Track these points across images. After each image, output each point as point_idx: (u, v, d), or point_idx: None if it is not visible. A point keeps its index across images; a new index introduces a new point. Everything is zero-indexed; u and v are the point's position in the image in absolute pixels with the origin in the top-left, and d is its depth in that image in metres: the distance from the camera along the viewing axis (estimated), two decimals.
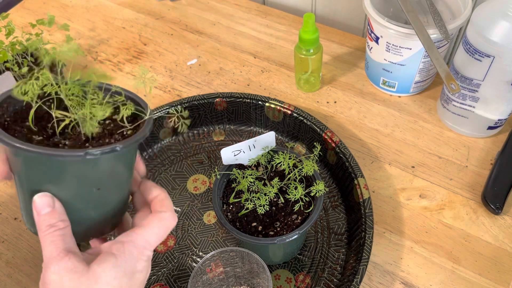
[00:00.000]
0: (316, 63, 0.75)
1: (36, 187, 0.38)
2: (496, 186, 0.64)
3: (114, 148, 0.36)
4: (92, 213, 0.40)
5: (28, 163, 0.37)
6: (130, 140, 0.38)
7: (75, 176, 0.37)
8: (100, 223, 0.41)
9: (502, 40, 0.58)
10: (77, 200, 0.39)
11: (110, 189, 0.40)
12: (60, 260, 0.36)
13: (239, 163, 0.59)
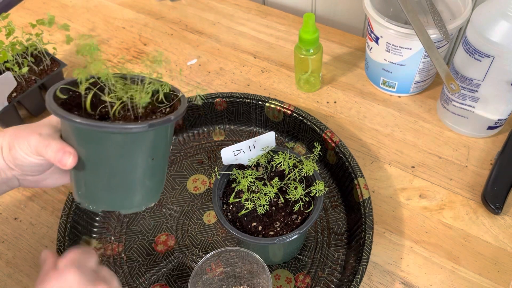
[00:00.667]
0: (316, 63, 0.75)
1: (104, 163, 0.43)
2: (496, 186, 0.64)
3: (170, 118, 0.42)
4: (147, 182, 0.46)
5: (98, 142, 0.42)
6: (179, 111, 0.44)
7: (137, 147, 0.43)
8: (152, 191, 0.47)
9: (502, 40, 0.58)
10: (136, 170, 0.44)
11: (160, 159, 0.46)
12: None
13: (239, 163, 0.59)
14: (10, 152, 0.46)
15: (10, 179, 0.49)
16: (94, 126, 0.40)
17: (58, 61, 0.79)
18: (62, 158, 0.43)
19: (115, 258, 0.63)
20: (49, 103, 0.42)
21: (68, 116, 0.41)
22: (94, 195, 0.46)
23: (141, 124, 0.40)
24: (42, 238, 0.66)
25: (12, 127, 0.48)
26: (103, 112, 0.45)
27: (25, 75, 0.77)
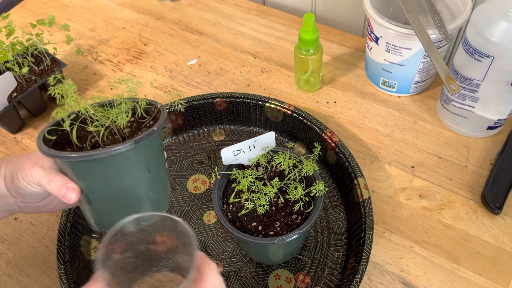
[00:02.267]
0: (316, 63, 0.75)
1: (106, 188, 0.45)
2: (495, 186, 0.64)
3: (152, 130, 0.45)
4: (152, 194, 0.48)
5: (94, 171, 0.44)
6: (159, 121, 0.46)
7: (131, 165, 0.45)
8: (159, 200, 0.50)
9: (501, 40, 0.58)
10: (138, 186, 0.47)
11: (156, 169, 0.48)
12: None
13: (239, 163, 0.59)
14: (13, 182, 0.48)
15: (11, 205, 0.51)
16: (85, 157, 0.42)
17: (58, 61, 0.79)
18: (65, 194, 0.45)
19: None
20: (40, 145, 0.45)
21: (58, 154, 0.43)
22: (106, 220, 0.48)
23: (127, 143, 0.42)
24: (42, 238, 0.66)
25: (14, 156, 0.51)
26: (93, 142, 0.47)
27: (25, 75, 0.77)
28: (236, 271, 0.62)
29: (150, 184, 0.48)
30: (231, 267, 0.62)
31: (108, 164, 0.44)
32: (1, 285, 0.62)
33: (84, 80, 0.86)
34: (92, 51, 0.91)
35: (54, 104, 0.82)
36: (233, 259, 0.63)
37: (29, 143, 0.77)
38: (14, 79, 0.73)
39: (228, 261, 0.63)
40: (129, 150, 0.43)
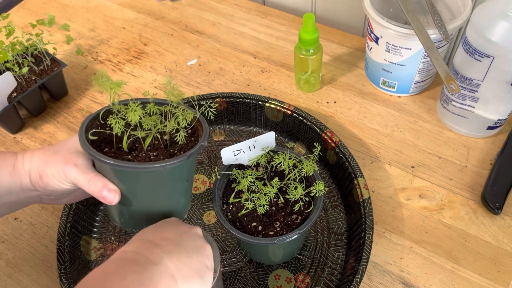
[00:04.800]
0: (316, 63, 0.75)
1: (145, 194, 0.47)
2: (495, 186, 0.64)
3: (202, 144, 0.47)
4: (183, 200, 0.52)
5: (139, 178, 0.46)
6: (204, 135, 0.48)
7: (175, 176, 0.47)
8: (186, 204, 0.53)
9: (501, 40, 0.58)
10: (175, 193, 0.50)
11: (191, 178, 0.51)
12: None
13: (239, 163, 0.59)
14: (42, 179, 0.47)
15: (34, 198, 0.50)
16: (141, 168, 0.43)
17: (58, 61, 0.79)
18: (106, 196, 0.46)
19: None
20: (87, 149, 0.44)
21: (114, 162, 0.43)
22: (137, 221, 0.50)
23: (181, 158, 0.45)
24: (42, 238, 0.66)
25: (37, 150, 0.49)
26: (131, 144, 0.48)
27: (25, 75, 0.77)
28: (236, 271, 0.62)
29: (185, 191, 0.51)
30: (231, 267, 0.62)
31: (156, 174, 0.45)
32: (1, 285, 0.62)
33: (84, 80, 0.86)
34: (92, 51, 0.91)
35: (54, 104, 0.82)
36: (233, 259, 0.63)
37: (29, 143, 0.77)
38: (14, 79, 0.73)
39: (228, 261, 0.63)
40: (181, 164, 0.45)
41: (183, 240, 0.46)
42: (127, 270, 0.39)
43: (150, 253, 0.42)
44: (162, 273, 0.41)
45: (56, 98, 0.82)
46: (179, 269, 0.42)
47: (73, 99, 0.83)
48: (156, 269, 0.41)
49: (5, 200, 0.48)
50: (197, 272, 0.44)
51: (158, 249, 0.43)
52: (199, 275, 0.44)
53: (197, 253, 0.46)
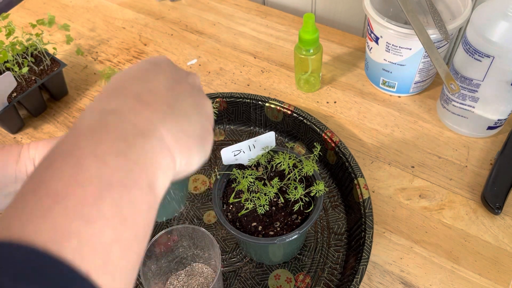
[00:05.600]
0: (316, 63, 0.75)
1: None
2: (496, 186, 0.64)
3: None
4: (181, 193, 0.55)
5: None
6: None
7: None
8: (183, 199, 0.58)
9: (501, 40, 0.58)
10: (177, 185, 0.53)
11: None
12: None
13: (239, 163, 0.59)
14: None
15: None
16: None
17: (58, 61, 0.79)
18: None
19: None
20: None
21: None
22: None
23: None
24: None
25: (44, 139, 0.50)
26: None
27: (25, 75, 0.77)
28: (236, 271, 0.62)
29: (182, 183, 0.51)
30: (231, 267, 0.62)
31: None
32: None
33: (84, 80, 0.86)
34: (92, 51, 0.91)
35: (54, 104, 0.82)
36: (233, 259, 0.63)
37: None
38: (14, 79, 0.73)
39: (228, 261, 0.63)
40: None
41: (178, 95, 0.34)
42: (108, 149, 0.27)
43: (138, 118, 0.29)
44: (156, 150, 0.29)
45: (56, 98, 0.82)
46: (177, 140, 0.31)
47: (73, 99, 0.83)
48: (148, 144, 0.29)
49: (11, 190, 0.48)
50: (198, 140, 0.34)
51: (148, 111, 0.30)
52: (200, 143, 0.34)
53: (196, 113, 0.34)
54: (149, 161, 0.28)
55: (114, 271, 0.24)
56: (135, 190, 0.26)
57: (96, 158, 0.26)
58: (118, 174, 0.26)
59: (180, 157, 0.31)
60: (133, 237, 0.26)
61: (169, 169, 0.30)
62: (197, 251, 0.60)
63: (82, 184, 0.24)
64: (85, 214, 0.23)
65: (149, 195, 0.28)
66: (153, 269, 0.56)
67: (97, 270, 0.23)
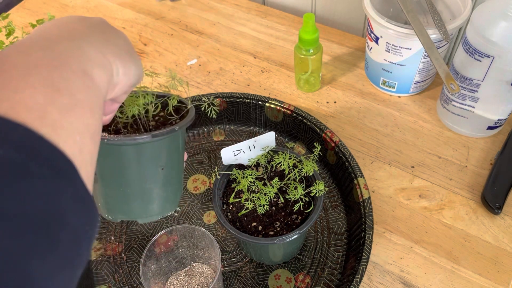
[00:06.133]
0: (316, 63, 0.75)
1: (115, 174, 0.45)
2: (496, 186, 0.64)
3: (173, 128, 0.44)
4: (161, 192, 0.48)
5: (107, 155, 0.43)
6: (183, 122, 0.46)
7: (144, 158, 0.45)
8: (168, 200, 0.49)
9: (501, 40, 0.58)
10: (147, 180, 0.46)
11: (171, 168, 0.47)
12: None
13: (239, 163, 0.59)
14: None
15: None
16: (102, 141, 0.42)
17: None
18: None
19: (115, 258, 0.64)
20: None
21: None
22: (111, 206, 0.48)
23: (144, 136, 0.42)
24: None
25: None
26: (117, 128, 0.48)
27: None
28: (236, 271, 0.62)
29: (161, 181, 0.48)
30: (231, 267, 0.62)
31: (123, 152, 0.44)
32: None
33: None
34: None
35: None
36: (233, 259, 0.63)
37: None
38: None
39: (228, 261, 0.63)
40: (145, 143, 0.43)
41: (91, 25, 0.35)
42: (33, 44, 0.28)
43: (60, 32, 0.31)
44: (84, 46, 0.30)
45: None
46: (104, 46, 0.33)
47: None
48: (73, 43, 0.30)
49: None
50: (125, 50, 0.35)
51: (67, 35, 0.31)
52: (129, 53, 0.36)
53: (114, 34, 0.36)
54: (77, 52, 0.29)
55: (53, 125, 0.24)
56: (66, 70, 0.27)
57: (19, 52, 0.27)
58: (44, 60, 0.27)
59: (113, 60, 0.33)
60: (71, 104, 0.26)
61: (103, 65, 0.31)
62: (197, 251, 0.60)
63: (5, 70, 0.25)
64: (12, 86, 0.24)
65: (85, 78, 0.28)
66: (153, 269, 0.56)
67: (34, 121, 0.23)
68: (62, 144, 0.24)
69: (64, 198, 0.23)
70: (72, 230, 0.23)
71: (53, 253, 0.22)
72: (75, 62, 0.29)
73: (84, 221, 0.24)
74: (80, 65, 0.29)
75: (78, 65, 0.29)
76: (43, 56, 0.27)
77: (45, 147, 0.23)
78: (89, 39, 0.32)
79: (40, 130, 0.23)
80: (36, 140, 0.23)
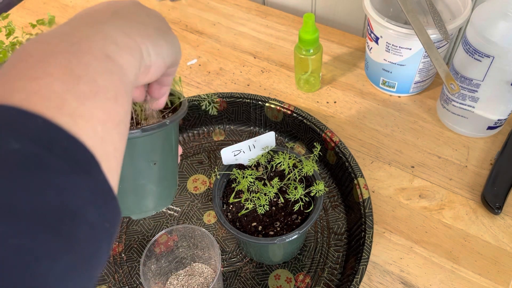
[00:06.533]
0: (316, 63, 0.75)
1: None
2: (495, 186, 0.64)
3: (164, 122, 0.43)
4: (154, 187, 0.47)
5: None
6: (175, 115, 0.45)
7: (135, 153, 0.43)
8: (162, 196, 0.48)
9: (501, 40, 0.58)
10: (139, 176, 0.45)
11: (164, 164, 0.46)
12: None
13: (239, 163, 0.59)
14: None
15: None
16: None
17: None
18: None
19: (115, 258, 0.64)
20: None
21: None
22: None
23: (134, 130, 0.41)
24: None
25: None
26: None
27: None
28: (236, 271, 0.62)
29: (154, 177, 0.46)
30: (231, 267, 0.62)
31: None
32: None
33: None
34: None
35: None
36: (233, 259, 0.63)
37: None
38: None
39: (228, 261, 0.63)
40: (135, 138, 0.42)
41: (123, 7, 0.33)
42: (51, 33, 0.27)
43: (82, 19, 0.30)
44: (106, 30, 0.29)
45: None
46: (130, 27, 0.31)
47: None
48: (94, 28, 0.28)
49: None
50: (156, 29, 0.34)
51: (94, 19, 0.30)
52: (161, 32, 0.34)
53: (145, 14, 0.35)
54: (98, 36, 0.27)
55: (72, 114, 0.23)
56: (85, 55, 0.26)
57: (37, 42, 0.26)
58: (61, 46, 0.25)
59: (141, 40, 0.30)
60: (92, 91, 0.25)
61: (130, 48, 0.29)
62: (197, 251, 0.60)
63: (21, 59, 0.24)
64: (28, 75, 0.23)
65: (108, 63, 0.27)
66: (153, 269, 0.56)
67: (51, 111, 0.22)
68: (82, 135, 0.23)
69: (83, 193, 0.22)
70: (90, 227, 0.22)
71: (68, 252, 0.20)
72: (97, 46, 0.27)
73: (104, 218, 0.23)
74: (103, 49, 0.27)
75: (100, 49, 0.27)
76: (61, 42, 0.26)
77: (63, 138, 0.22)
78: (113, 22, 0.30)
79: (58, 120, 0.22)
80: (54, 131, 0.22)
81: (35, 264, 0.19)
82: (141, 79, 0.32)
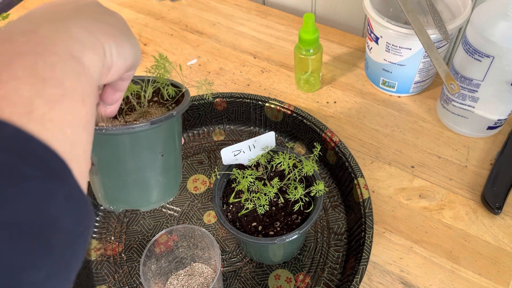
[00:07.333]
0: (316, 63, 0.75)
1: (115, 164, 0.44)
2: (495, 186, 0.64)
3: (171, 114, 0.43)
4: (161, 178, 0.47)
5: (105, 145, 0.43)
6: (180, 106, 0.45)
7: (143, 145, 0.44)
8: (168, 186, 0.49)
9: (501, 40, 0.58)
10: (147, 167, 0.46)
11: (170, 154, 0.47)
12: None
13: (239, 163, 0.59)
14: None
15: None
16: (98, 130, 0.41)
17: None
18: None
19: (115, 258, 0.64)
20: None
21: None
22: (112, 196, 0.47)
23: (142, 123, 0.41)
24: None
25: None
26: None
27: None
28: (236, 271, 0.62)
29: (162, 168, 0.47)
30: (231, 267, 0.62)
31: (121, 141, 0.43)
32: None
33: None
34: None
35: None
36: (233, 259, 0.63)
37: None
38: None
39: (228, 261, 0.63)
40: (144, 131, 0.42)
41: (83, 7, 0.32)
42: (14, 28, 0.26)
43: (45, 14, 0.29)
44: (71, 27, 0.28)
45: None
46: (93, 25, 0.30)
47: None
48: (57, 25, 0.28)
49: None
50: (118, 29, 0.33)
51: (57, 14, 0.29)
52: (123, 32, 0.33)
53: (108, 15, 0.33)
54: (63, 35, 0.27)
55: (41, 119, 0.23)
56: (51, 56, 0.25)
57: (1, 40, 0.25)
58: (27, 45, 0.25)
59: (104, 39, 0.30)
60: (59, 94, 0.24)
61: (94, 47, 0.29)
62: (197, 251, 0.60)
63: None
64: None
65: (73, 63, 0.26)
66: (153, 269, 0.56)
67: (21, 118, 0.22)
68: (52, 140, 0.23)
69: (57, 201, 0.22)
70: (66, 234, 0.22)
71: (46, 260, 0.21)
72: (61, 45, 0.26)
73: (78, 223, 0.23)
74: (67, 49, 0.26)
75: (65, 48, 0.26)
76: (26, 41, 0.25)
77: (36, 146, 0.22)
78: (77, 20, 0.29)
79: (27, 127, 0.22)
80: (25, 139, 0.22)
81: (18, 275, 0.19)
82: (102, 80, 0.31)
